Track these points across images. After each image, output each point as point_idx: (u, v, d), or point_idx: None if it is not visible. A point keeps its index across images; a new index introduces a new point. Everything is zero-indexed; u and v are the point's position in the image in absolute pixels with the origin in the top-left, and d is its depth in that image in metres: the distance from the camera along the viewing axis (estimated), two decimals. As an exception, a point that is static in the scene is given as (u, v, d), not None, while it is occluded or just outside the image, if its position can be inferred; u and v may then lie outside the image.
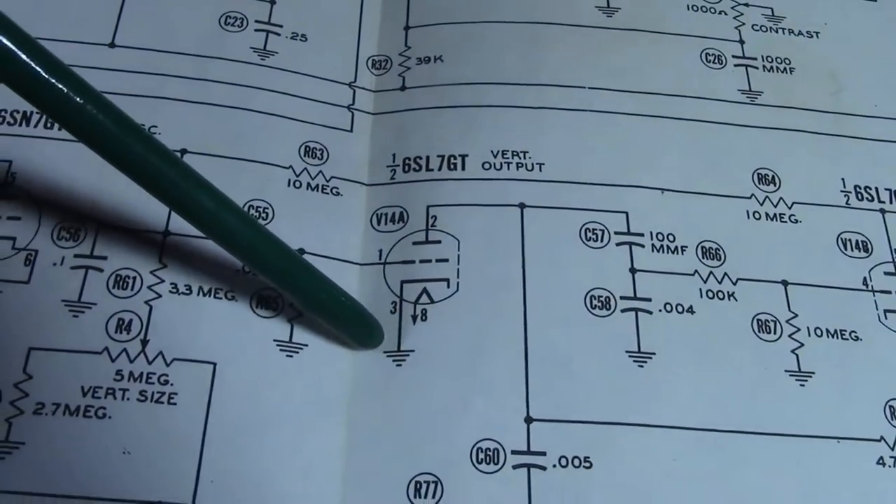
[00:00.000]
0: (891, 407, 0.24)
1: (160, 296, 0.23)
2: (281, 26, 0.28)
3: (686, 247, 0.26)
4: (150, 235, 0.24)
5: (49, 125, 0.25)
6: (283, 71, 0.28)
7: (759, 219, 0.26)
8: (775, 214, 0.27)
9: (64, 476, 0.21)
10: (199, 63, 0.27)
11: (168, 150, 0.19)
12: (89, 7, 0.28)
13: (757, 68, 0.29)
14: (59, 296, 0.23)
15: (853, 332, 0.25)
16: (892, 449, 0.24)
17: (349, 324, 0.23)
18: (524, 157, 0.27)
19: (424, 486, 0.22)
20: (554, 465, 0.23)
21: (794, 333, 0.25)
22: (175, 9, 0.28)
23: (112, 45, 0.27)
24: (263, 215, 0.25)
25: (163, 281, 0.24)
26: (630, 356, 0.24)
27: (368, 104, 0.28)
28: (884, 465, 0.23)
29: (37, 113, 0.25)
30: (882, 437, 0.24)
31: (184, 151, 0.25)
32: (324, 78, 0.28)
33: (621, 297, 0.25)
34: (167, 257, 0.24)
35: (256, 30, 0.28)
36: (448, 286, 0.25)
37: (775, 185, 0.27)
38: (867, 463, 0.23)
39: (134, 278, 0.24)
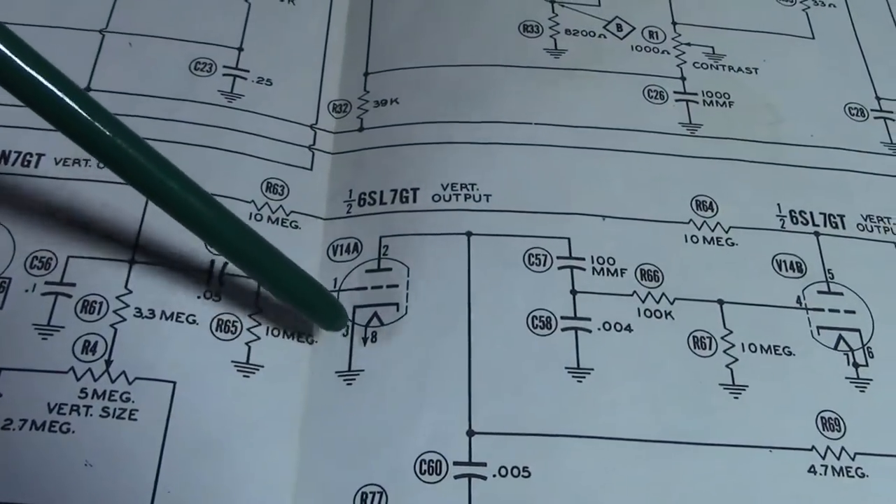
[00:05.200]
0: (822, 418, 0.25)
1: (125, 319, 0.25)
2: (248, 71, 0.30)
3: (625, 269, 0.27)
4: (116, 263, 0.26)
5: (26, 164, 0.27)
6: (248, 112, 0.29)
7: (696, 242, 0.28)
8: (712, 238, 0.28)
9: (30, 486, 0.23)
10: (170, 105, 0.29)
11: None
12: (67, 52, 0.30)
13: (697, 103, 0.31)
14: (29, 320, 0.25)
15: (786, 347, 0.26)
16: (824, 458, 0.25)
17: (319, 308, 0.25)
18: (472, 189, 0.28)
19: (370, 496, 0.23)
20: (494, 475, 0.24)
21: (728, 349, 0.26)
22: (148, 55, 0.30)
23: (88, 88, 0.29)
24: (226, 246, 0.27)
25: (128, 306, 0.25)
26: (569, 372, 0.25)
27: (328, 144, 0.30)
28: (815, 473, 0.24)
29: (14, 152, 0.27)
30: (813, 447, 0.25)
31: (152, 186, 0.27)
32: (287, 120, 0.30)
33: (562, 317, 0.26)
34: (133, 283, 0.26)
35: (224, 74, 0.30)
36: (397, 310, 0.26)
37: (713, 210, 0.28)
38: (799, 471, 0.24)
39: (100, 303, 0.25)
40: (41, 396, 0.24)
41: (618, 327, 0.26)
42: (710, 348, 0.26)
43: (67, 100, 0.20)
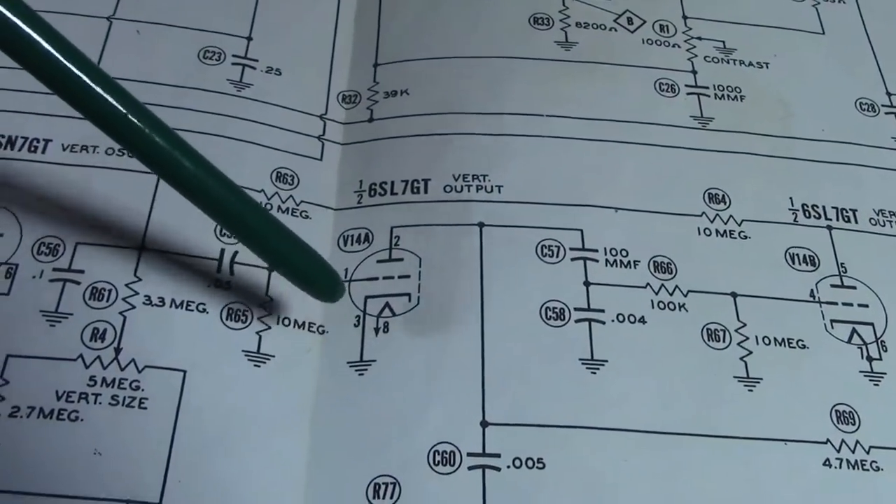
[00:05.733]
0: (837, 411, 0.25)
1: (134, 307, 0.25)
2: (257, 60, 0.30)
3: (638, 261, 0.27)
4: (126, 250, 0.25)
5: (33, 149, 0.27)
6: (257, 102, 0.29)
7: (709, 235, 0.28)
8: (725, 231, 0.28)
9: (38, 475, 0.22)
10: (178, 93, 0.29)
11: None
12: (74, 39, 0.29)
13: (709, 96, 0.31)
14: (37, 306, 0.24)
15: (800, 340, 0.26)
16: (838, 451, 0.24)
17: (314, 277, 0.24)
18: (484, 180, 0.28)
19: (383, 487, 0.23)
20: (508, 466, 0.24)
21: (742, 342, 0.26)
22: (156, 43, 0.30)
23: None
24: (235, 235, 0.26)
25: (137, 293, 0.25)
26: (583, 363, 0.25)
27: (338, 135, 0.30)
28: (830, 466, 0.24)
29: (21, 138, 0.27)
30: (828, 440, 0.25)
31: (161, 174, 0.27)
32: (296, 110, 0.29)
33: (575, 309, 0.26)
34: (142, 271, 0.25)
35: (233, 63, 0.30)
36: (409, 300, 0.26)
37: (725, 203, 0.28)
38: (814, 464, 0.24)
39: (109, 290, 0.25)
40: (49, 384, 0.23)
41: (631, 319, 0.26)
42: (723, 341, 0.26)
43: (65, 61, 0.20)
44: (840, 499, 0.24)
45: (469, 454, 0.24)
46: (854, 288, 0.27)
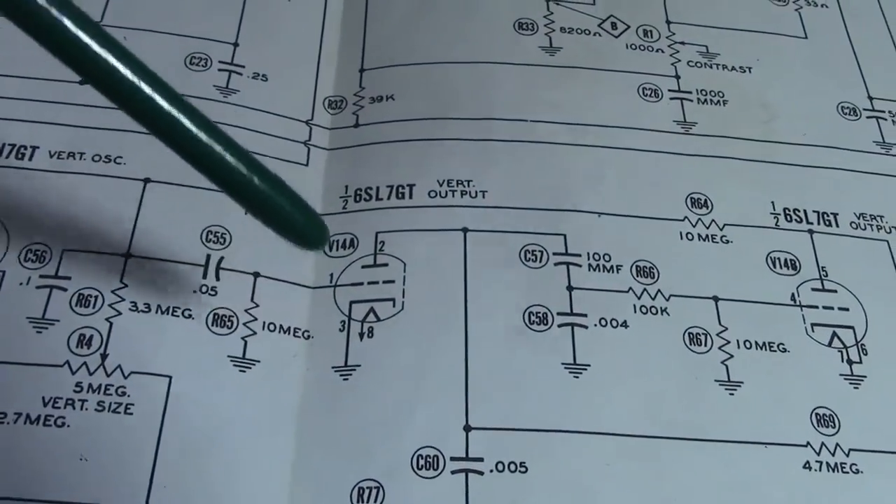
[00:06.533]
0: (817, 414, 0.25)
1: (120, 313, 0.25)
2: (243, 67, 0.30)
3: (621, 266, 0.27)
4: (112, 257, 0.26)
5: (20, 156, 0.27)
6: (244, 108, 0.29)
7: (691, 239, 0.28)
8: (707, 235, 0.28)
9: (24, 481, 0.22)
10: (164, 100, 0.29)
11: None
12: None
13: (692, 101, 0.31)
14: (24, 313, 0.25)
15: (781, 344, 0.26)
16: (818, 454, 0.25)
17: (299, 222, 0.22)
18: (468, 186, 0.28)
19: (367, 491, 0.23)
20: (491, 471, 0.24)
21: (724, 346, 0.26)
22: (143, 49, 0.30)
23: (82, 81, 0.29)
24: (221, 240, 0.27)
25: (123, 300, 0.25)
26: (566, 368, 0.25)
27: (324, 140, 0.30)
28: (810, 469, 0.24)
29: (8, 145, 0.27)
30: (808, 443, 0.25)
31: (147, 180, 0.27)
32: (282, 115, 0.30)
33: (558, 313, 0.26)
34: (128, 277, 0.25)
35: (220, 69, 0.30)
36: (394, 305, 0.26)
37: (708, 208, 0.29)
38: (794, 467, 0.24)
39: (96, 297, 0.25)
40: (36, 390, 0.24)
41: (614, 323, 0.26)
42: (705, 345, 0.26)
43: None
44: (820, 501, 0.24)
45: (452, 458, 0.24)
46: (835, 292, 0.27)
